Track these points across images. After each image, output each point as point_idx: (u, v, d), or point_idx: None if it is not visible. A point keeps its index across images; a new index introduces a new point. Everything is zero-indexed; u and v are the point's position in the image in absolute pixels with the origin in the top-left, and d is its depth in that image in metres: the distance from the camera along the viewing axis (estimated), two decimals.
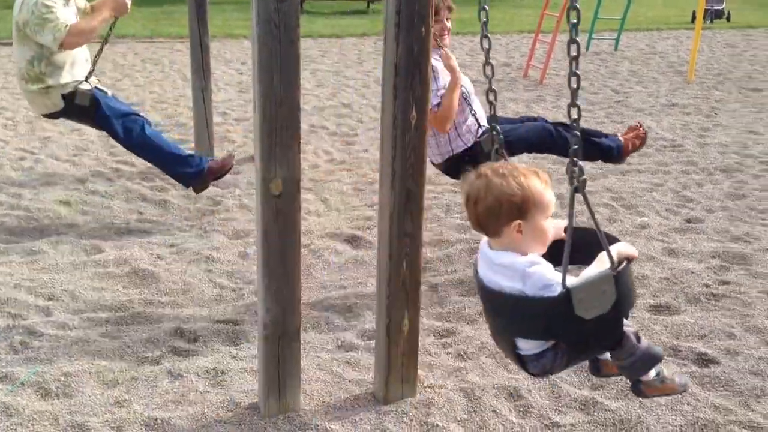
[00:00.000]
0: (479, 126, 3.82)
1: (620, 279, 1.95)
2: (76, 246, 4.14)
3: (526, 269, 1.99)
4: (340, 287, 3.78)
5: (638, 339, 2.11)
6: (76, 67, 4.35)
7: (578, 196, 1.93)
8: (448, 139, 3.79)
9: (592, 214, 1.94)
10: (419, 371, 2.86)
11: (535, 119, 4.16)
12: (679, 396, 2.81)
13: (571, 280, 1.92)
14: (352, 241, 4.35)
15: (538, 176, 2.08)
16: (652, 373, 2.22)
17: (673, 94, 8.64)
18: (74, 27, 4.13)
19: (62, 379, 2.87)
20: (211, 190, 5.17)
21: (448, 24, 3.77)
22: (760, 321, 3.38)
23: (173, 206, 4.84)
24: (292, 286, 2.58)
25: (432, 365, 3.04)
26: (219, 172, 4.50)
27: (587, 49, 11.70)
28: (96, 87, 4.43)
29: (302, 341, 2.79)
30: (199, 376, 2.92)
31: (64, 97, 4.30)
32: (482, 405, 2.77)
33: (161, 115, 7.19)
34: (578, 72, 2.05)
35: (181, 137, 6.43)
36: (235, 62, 10.17)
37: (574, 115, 2.00)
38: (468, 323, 3.42)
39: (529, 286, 1.97)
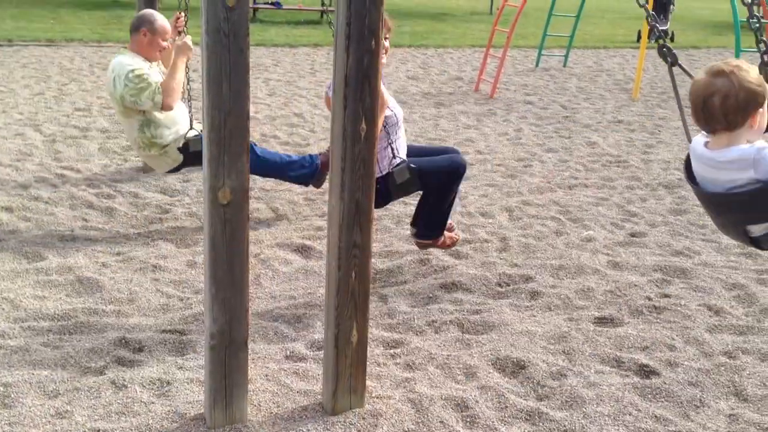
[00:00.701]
0: (394, 157, 3.79)
1: None
2: (18, 253, 4.04)
3: (755, 156, 2.16)
4: (290, 297, 3.76)
5: None
6: (178, 119, 4.58)
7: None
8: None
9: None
10: (367, 382, 2.86)
11: (452, 150, 4.18)
12: (621, 407, 2.88)
13: None
14: (303, 251, 4.34)
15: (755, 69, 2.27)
16: None
17: (619, 111, 8.87)
18: (164, 86, 4.38)
19: (1, 389, 2.78)
20: (159, 197, 5.10)
21: (386, 43, 3.75)
22: (699, 333, 3.49)
23: (120, 213, 4.76)
24: (239, 295, 2.56)
25: (380, 376, 3.05)
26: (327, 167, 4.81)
27: (537, 64, 11.93)
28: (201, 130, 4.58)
29: (250, 351, 2.77)
30: (143, 386, 2.87)
31: (180, 150, 4.52)
32: (430, 416, 2.79)
33: (108, 121, 7.06)
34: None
35: (129, 143, 6.33)
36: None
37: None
38: (416, 334, 3.44)
39: (761, 172, 2.14)
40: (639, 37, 15.33)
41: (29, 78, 8.78)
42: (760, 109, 2.23)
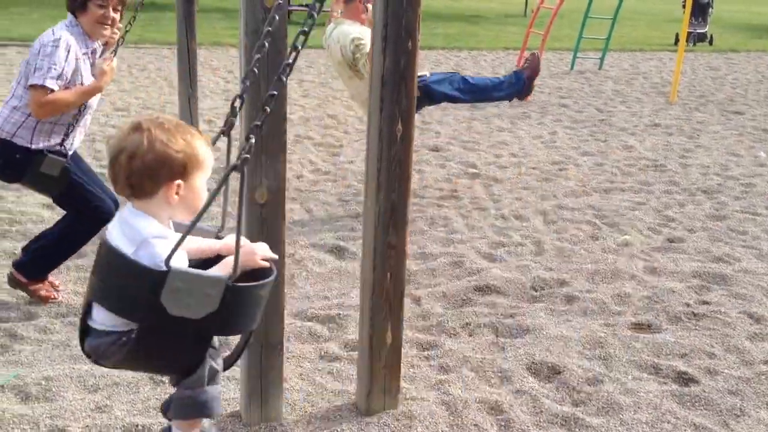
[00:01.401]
0: (62, 145, 3.40)
1: (233, 290, 1.74)
2: None
3: (150, 238, 1.80)
4: (324, 297, 3.78)
5: (211, 381, 1.94)
6: None
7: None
8: (20, 121, 3.32)
9: (241, 203, 1.87)
10: (401, 383, 2.86)
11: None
12: (659, 414, 2.84)
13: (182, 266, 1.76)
14: (336, 251, 4.36)
15: (201, 135, 1.96)
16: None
17: (656, 114, 8.75)
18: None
19: (43, 383, 2.84)
20: None
21: (113, 14, 3.49)
22: (740, 341, 3.42)
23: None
24: (275, 295, 2.57)
25: (414, 377, 3.05)
26: (535, 73, 5.27)
27: (572, 68, 11.82)
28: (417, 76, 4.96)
29: (285, 351, 2.78)
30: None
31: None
32: (464, 419, 2.77)
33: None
34: None
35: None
36: (222, 70, 10.17)
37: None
38: (450, 336, 3.43)
39: (141, 255, 1.78)
40: (677, 40, 15.12)
41: None
42: (179, 181, 1.85)
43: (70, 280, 3.79)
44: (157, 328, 1.77)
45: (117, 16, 3.59)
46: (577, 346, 3.34)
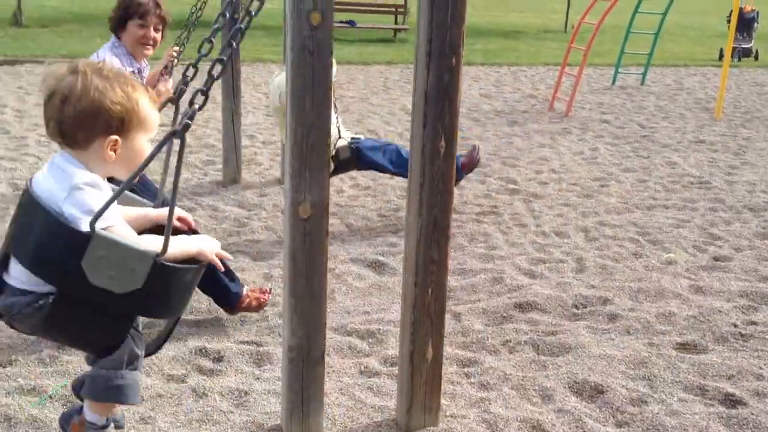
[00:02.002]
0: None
1: (160, 268, 1.63)
2: None
3: (79, 183, 1.66)
4: (364, 312, 3.78)
5: (130, 365, 1.81)
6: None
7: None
8: None
9: (176, 180, 1.69)
10: (442, 400, 2.84)
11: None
12: None
13: (108, 231, 1.61)
14: (376, 266, 4.36)
15: (147, 92, 1.83)
16: (95, 416, 1.91)
17: (700, 130, 8.61)
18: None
19: None
20: (237, 211, 5.22)
21: (154, 34, 3.59)
22: None
23: (199, 226, 4.89)
24: (317, 309, 2.59)
25: (454, 394, 3.03)
26: (471, 165, 4.96)
27: (613, 83, 11.71)
28: (352, 137, 4.83)
29: (325, 365, 2.79)
30: (223, 395, 2.93)
31: (332, 159, 4.66)
32: None
33: (191, 136, 7.28)
34: None
35: (209, 158, 6.52)
36: (264, 86, 10.29)
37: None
38: (491, 353, 3.40)
39: (69, 203, 1.64)
40: (721, 56, 14.87)
41: None
42: (114, 137, 1.72)
43: None
44: (76, 296, 1.64)
45: (158, 35, 3.66)
46: (620, 366, 3.28)
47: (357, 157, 4.83)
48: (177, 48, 3.89)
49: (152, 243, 1.70)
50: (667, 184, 6.32)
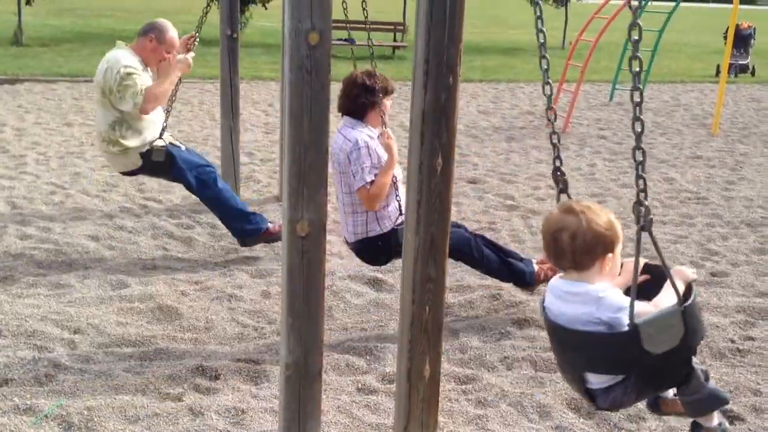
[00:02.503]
0: (401, 214, 3.65)
1: (688, 313, 2.01)
2: (103, 280, 4.20)
3: (599, 293, 2.09)
4: (361, 329, 3.79)
5: (707, 378, 2.17)
6: (150, 126, 4.56)
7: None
8: (365, 220, 3.71)
9: (659, 251, 2.01)
10: (439, 417, 2.84)
11: (457, 226, 3.96)
12: None
13: (640, 316, 2.01)
14: (374, 283, 4.37)
15: (611, 213, 2.21)
16: (715, 420, 2.29)
17: (698, 146, 8.64)
18: (149, 91, 4.32)
19: (85, 412, 2.89)
20: None
21: (388, 104, 3.87)
22: None
23: (198, 244, 4.90)
24: (315, 327, 2.59)
25: (452, 412, 3.03)
26: (273, 236, 4.59)
27: (611, 99, 11.77)
28: (170, 143, 4.64)
29: (322, 383, 2.79)
30: (219, 414, 2.93)
31: (141, 155, 4.52)
32: None
33: None
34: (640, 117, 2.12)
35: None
36: (262, 104, 10.34)
37: (639, 158, 2.04)
38: (489, 370, 3.40)
39: (603, 310, 2.06)
40: (718, 72, 14.96)
41: None
42: (609, 255, 2.13)
43: (113, 311, 3.86)
44: (651, 364, 2.06)
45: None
46: None
47: (170, 164, 4.53)
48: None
49: (666, 300, 2.09)
50: (664, 199, 6.34)
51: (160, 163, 4.53)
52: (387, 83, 3.87)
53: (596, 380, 2.16)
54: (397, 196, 3.73)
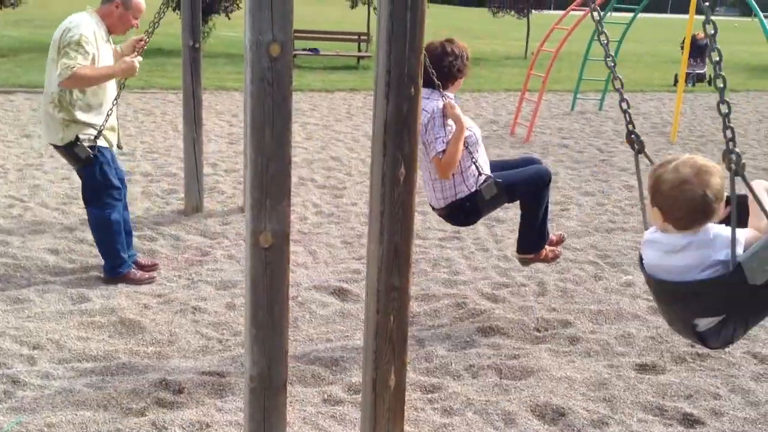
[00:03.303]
0: (480, 174, 3.81)
1: None
2: (63, 294, 4.13)
3: (710, 236, 2.18)
4: (327, 340, 3.78)
5: None
6: (96, 112, 4.25)
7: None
8: (453, 183, 3.83)
9: (752, 191, 2.13)
10: (405, 427, 2.84)
11: (533, 160, 4.16)
12: None
13: (740, 253, 2.10)
14: (340, 293, 4.36)
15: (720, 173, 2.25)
16: None
17: (657, 154, 8.80)
18: (80, 72, 4.00)
19: (45, 430, 2.83)
20: (199, 240, 5.19)
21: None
22: (745, 382, 3.41)
23: (161, 256, 4.85)
24: (279, 338, 2.58)
25: (418, 421, 3.03)
26: (132, 281, 4.37)
27: (572, 108, 11.94)
28: (99, 147, 4.26)
29: (288, 394, 2.78)
30: (183, 428, 2.89)
31: (72, 140, 4.17)
32: None
33: (152, 165, 7.24)
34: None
35: (171, 187, 6.47)
36: (226, 114, 10.29)
37: (725, 110, 2.14)
38: (454, 378, 3.42)
39: (717, 247, 2.14)
40: (676, 81, 15.28)
41: None
42: (714, 217, 2.23)
43: (73, 325, 3.80)
44: (757, 297, 2.13)
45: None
46: (581, 388, 3.32)
47: (88, 164, 4.23)
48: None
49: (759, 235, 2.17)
50: (625, 207, 6.45)
51: (78, 158, 4.22)
52: (467, 50, 3.96)
53: (706, 323, 2.22)
54: (473, 157, 3.79)
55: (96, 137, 4.25)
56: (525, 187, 3.89)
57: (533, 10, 22.58)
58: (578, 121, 11.01)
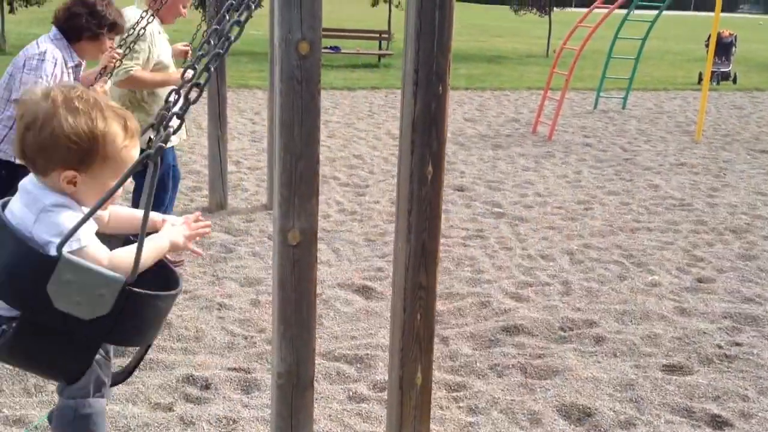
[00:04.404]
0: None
1: (132, 297, 1.59)
2: None
3: (48, 206, 1.64)
4: (352, 338, 3.79)
5: (97, 393, 1.79)
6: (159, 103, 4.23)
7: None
8: (1, 135, 3.39)
9: (150, 193, 1.59)
10: (431, 425, 2.84)
11: None
12: None
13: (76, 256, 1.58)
14: (363, 291, 4.37)
15: (125, 122, 1.73)
16: None
17: (681, 153, 8.73)
18: (136, 76, 4.05)
19: None
20: (223, 237, 5.22)
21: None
22: None
23: (186, 253, 4.87)
24: (307, 335, 2.59)
25: (444, 419, 3.03)
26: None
27: (595, 107, 11.86)
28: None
29: (314, 391, 2.79)
30: (211, 423, 2.92)
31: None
32: None
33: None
34: None
35: (195, 184, 6.52)
36: (249, 112, 10.34)
37: None
38: (479, 377, 3.41)
39: (40, 226, 1.62)
40: (700, 79, 15.12)
41: None
42: (72, 173, 1.66)
43: None
44: (40, 321, 1.59)
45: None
46: (607, 388, 3.30)
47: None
48: (119, 51, 3.79)
49: (124, 263, 1.64)
50: (649, 206, 6.40)
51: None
52: (118, 18, 3.57)
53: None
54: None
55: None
56: None
57: (555, 8, 22.44)
58: (601, 119, 10.93)
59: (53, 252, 1.55)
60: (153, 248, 1.75)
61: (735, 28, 18.05)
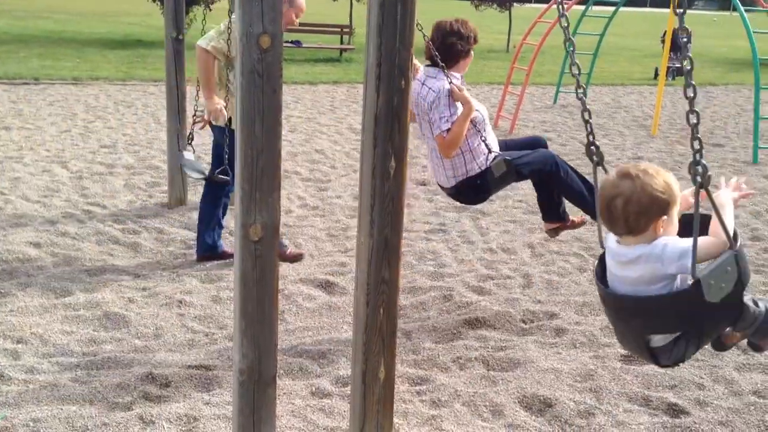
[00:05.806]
0: (489, 152, 3.86)
1: (739, 255, 2.06)
2: (46, 288, 4.09)
3: (659, 247, 2.11)
4: (314, 333, 3.77)
5: (756, 304, 2.19)
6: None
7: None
8: (463, 161, 3.86)
9: (715, 206, 2.07)
10: (394, 419, 2.85)
11: (540, 143, 4.20)
12: None
13: (698, 269, 2.04)
14: (326, 286, 4.36)
15: (670, 174, 2.22)
16: None
17: (638, 147, 8.88)
18: (202, 48, 4.42)
19: (31, 424, 2.80)
20: (183, 233, 5.15)
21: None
22: (728, 372, 3.45)
23: (145, 249, 4.81)
24: (268, 331, 2.57)
25: (407, 413, 3.04)
26: (224, 257, 4.61)
27: (555, 101, 11.99)
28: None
29: (276, 387, 2.77)
30: (171, 422, 2.88)
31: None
32: None
33: (134, 157, 7.17)
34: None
35: (154, 180, 6.42)
36: None
37: (693, 121, 2.11)
38: (442, 371, 3.43)
39: (667, 263, 2.07)
40: (656, 74, 15.40)
41: (56, 116, 8.95)
42: (664, 217, 2.13)
43: (57, 319, 3.76)
44: (711, 314, 2.08)
45: None
46: (567, 379, 3.35)
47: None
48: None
49: (713, 246, 2.09)
50: None
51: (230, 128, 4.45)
52: (476, 32, 4.04)
53: (658, 339, 2.18)
54: (482, 136, 3.83)
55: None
56: (531, 167, 3.92)
57: (515, 3, 22.61)
58: (561, 114, 11.06)
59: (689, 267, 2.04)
60: (730, 212, 2.20)
61: (690, 24, 18.38)
